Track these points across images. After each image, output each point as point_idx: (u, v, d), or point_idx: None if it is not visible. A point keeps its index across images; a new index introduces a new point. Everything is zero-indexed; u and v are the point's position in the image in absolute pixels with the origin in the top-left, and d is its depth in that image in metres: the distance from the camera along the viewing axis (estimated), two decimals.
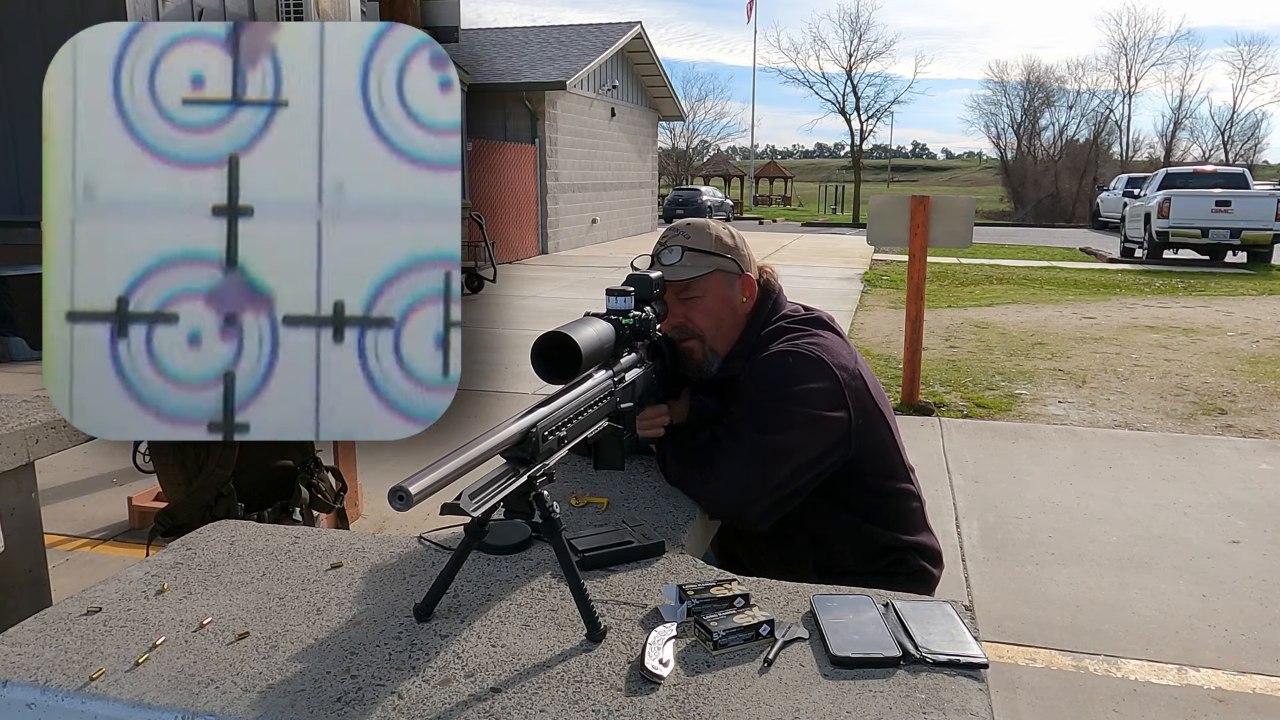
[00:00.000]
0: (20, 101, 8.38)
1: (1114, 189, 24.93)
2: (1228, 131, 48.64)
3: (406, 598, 1.17)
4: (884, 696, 0.96)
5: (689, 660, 1.03)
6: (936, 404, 5.53)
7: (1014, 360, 6.98)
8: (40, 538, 2.13)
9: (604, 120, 20.01)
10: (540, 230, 17.10)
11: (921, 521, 1.77)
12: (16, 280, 6.38)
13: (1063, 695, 2.45)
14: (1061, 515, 3.76)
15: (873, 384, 1.67)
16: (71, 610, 1.13)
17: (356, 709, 0.93)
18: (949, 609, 1.12)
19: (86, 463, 4.09)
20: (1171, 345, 7.62)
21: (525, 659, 1.02)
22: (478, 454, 0.93)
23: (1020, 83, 50.51)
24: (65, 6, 7.79)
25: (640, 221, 23.44)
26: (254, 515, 2.05)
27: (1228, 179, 16.50)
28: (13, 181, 8.46)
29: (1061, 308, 9.95)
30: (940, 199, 5.37)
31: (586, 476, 1.63)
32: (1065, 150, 47.10)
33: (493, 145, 15.39)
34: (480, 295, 10.57)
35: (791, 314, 1.73)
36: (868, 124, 46.14)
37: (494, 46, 19.39)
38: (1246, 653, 2.66)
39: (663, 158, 39.81)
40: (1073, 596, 3.03)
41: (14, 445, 1.94)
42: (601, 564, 1.26)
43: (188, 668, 1.00)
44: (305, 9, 2.14)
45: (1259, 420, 5.26)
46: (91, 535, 3.49)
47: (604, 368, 1.30)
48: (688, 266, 1.65)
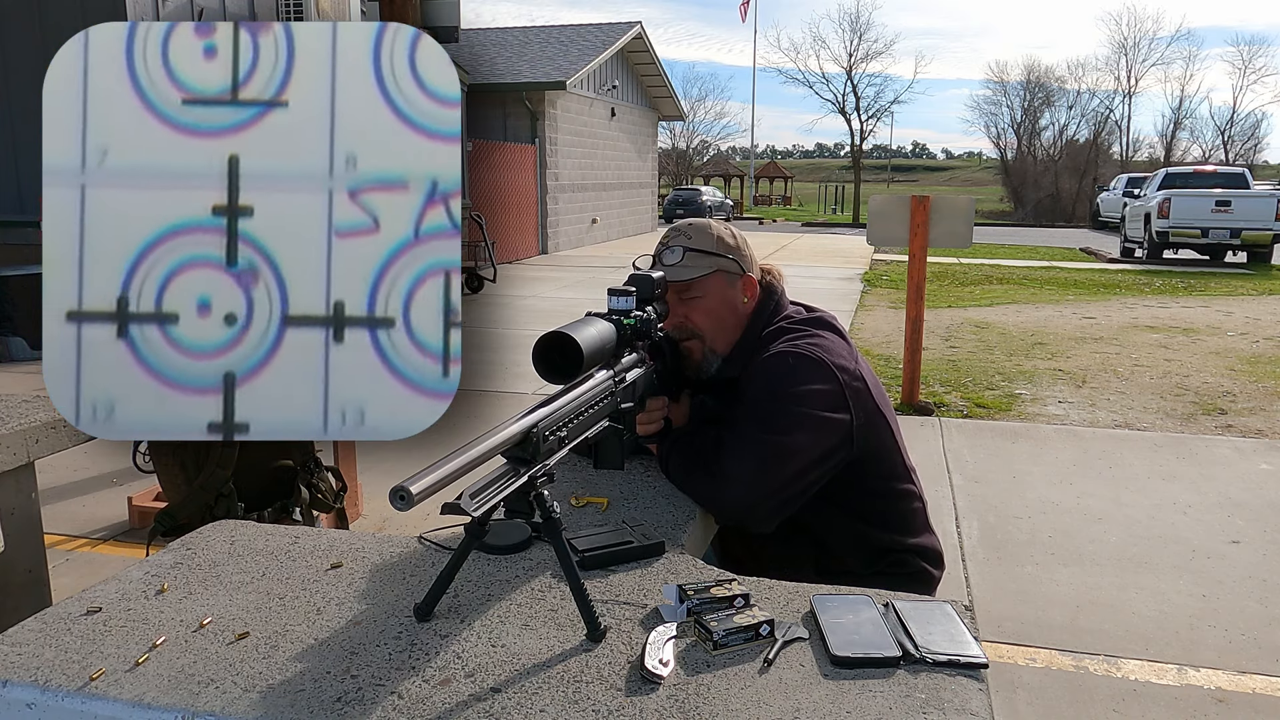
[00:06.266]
0: (20, 101, 8.38)
1: (1114, 189, 24.92)
2: (1228, 131, 48.68)
3: (406, 598, 1.17)
4: (884, 696, 0.96)
5: (689, 660, 1.03)
6: (936, 404, 5.53)
7: (1014, 360, 6.98)
8: (40, 538, 2.13)
9: (604, 120, 20.01)
10: (540, 230, 17.09)
11: (923, 522, 1.77)
12: (16, 280, 6.37)
13: (1063, 695, 2.45)
14: (1061, 515, 3.76)
15: (874, 384, 1.67)
16: (71, 610, 1.13)
17: (356, 709, 0.93)
18: (949, 609, 1.12)
19: (86, 463, 4.09)
20: (1171, 345, 7.62)
21: (525, 659, 1.02)
22: (478, 454, 0.93)
23: (1020, 83, 50.60)
24: (65, 7, 7.79)
25: (640, 221, 23.44)
26: (254, 515, 2.04)
27: (1228, 179, 16.50)
28: (13, 181, 8.46)
29: (1061, 308, 9.94)
30: (940, 199, 5.37)
31: (586, 476, 1.63)
32: (1065, 150, 47.10)
33: (493, 145, 15.39)
34: (480, 295, 10.57)
35: (793, 314, 1.73)
36: (868, 124, 46.22)
37: (494, 46, 19.38)
38: (1246, 653, 2.66)
39: (663, 158, 39.80)
40: (1073, 596, 3.03)
41: (14, 445, 1.94)
42: (601, 564, 1.26)
43: (188, 668, 1.00)
44: (305, 9, 2.14)
45: (1259, 420, 5.26)
46: (91, 535, 3.49)
47: (605, 368, 1.30)
48: (689, 266, 1.65)
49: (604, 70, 19.48)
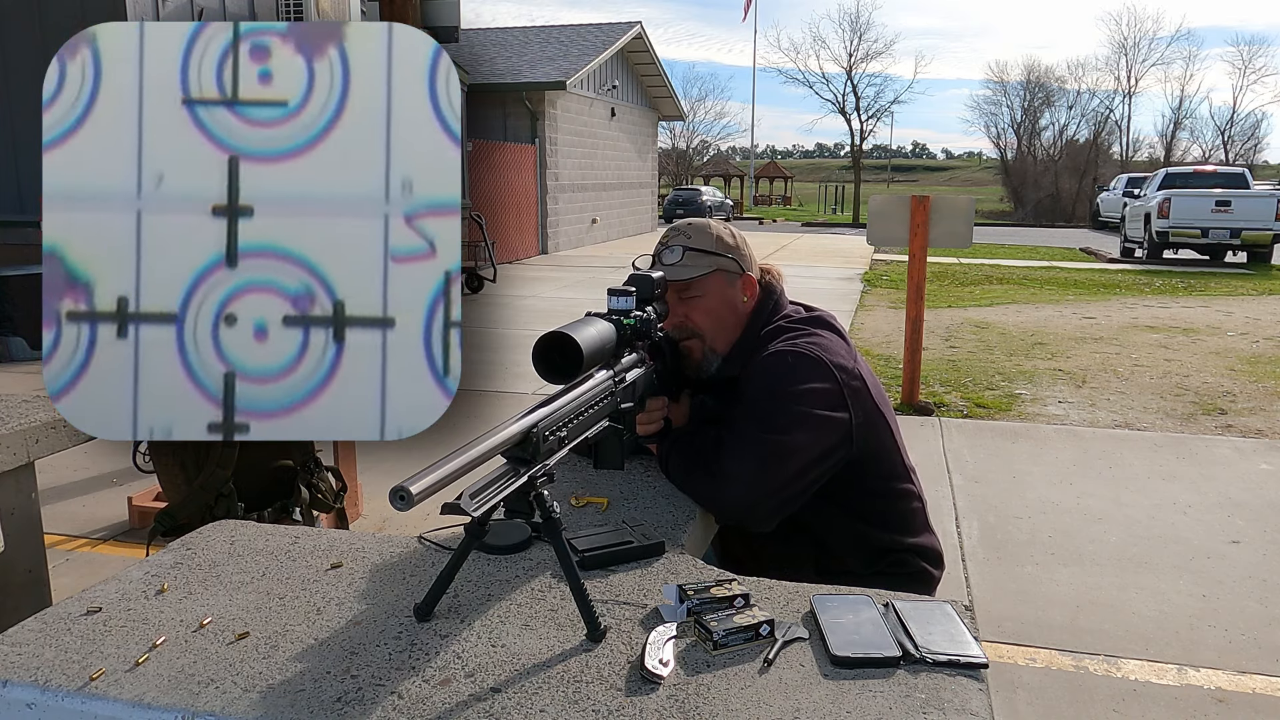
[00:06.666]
0: (20, 102, 8.38)
1: (1114, 189, 24.92)
2: (1228, 131, 48.68)
3: (406, 598, 1.17)
4: (884, 696, 0.96)
5: (689, 660, 1.03)
6: (936, 404, 5.53)
7: (1014, 360, 6.98)
8: (40, 538, 2.13)
9: (604, 120, 20.01)
10: (540, 230, 17.09)
11: (922, 522, 1.77)
12: (16, 280, 6.37)
13: (1063, 695, 2.45)
14: (1061, 515, 3.76)
15: (873, 384, 1.67)
16: (71, 610, 1.13)
17: (356, 709, 0.93)
18: (949, 609, 1.12)
19: (86, 463, 4.09)
20: (1171, 345, 7.62)
21: (525, 659, 1.02)
22: (478, 454, 0.93)
23: (1020, 83, 50.61)
24: (65, 7, 7.79)
25: (640, 221, 23.43)
26: (254, 515, 2.05)
27: (1228, 179, 16.50)
28: (12, 181, 8.46)
29: (1061, 308, 9.94)
30: (940, 199, 5.37)
31: (586, 476, 1.63)
32: (1065, 150, 47.09)
33: (493, 145, 15.39)
34: (480, 295, 10.57)
35: (792, 314, 1.73)
36: (868, 124, 46.21)
37: (494, 46, 19.38)
38: (1246, 653, 2.66)
39: (663, 158, 39.80)
40: (1073, 596, 3.03)
41: (14, 445, 1.94)
42: (601, 564, 1.26)
43: (188, 668, 1.00)
44: (305, 9, 2.14)
45: (1259, 420, 5.26)
46: (91, 535, 3.49)
47: (605, 368, 1.30)
48: (689, 266, 1.65)
49: (604, 70, 19.48)
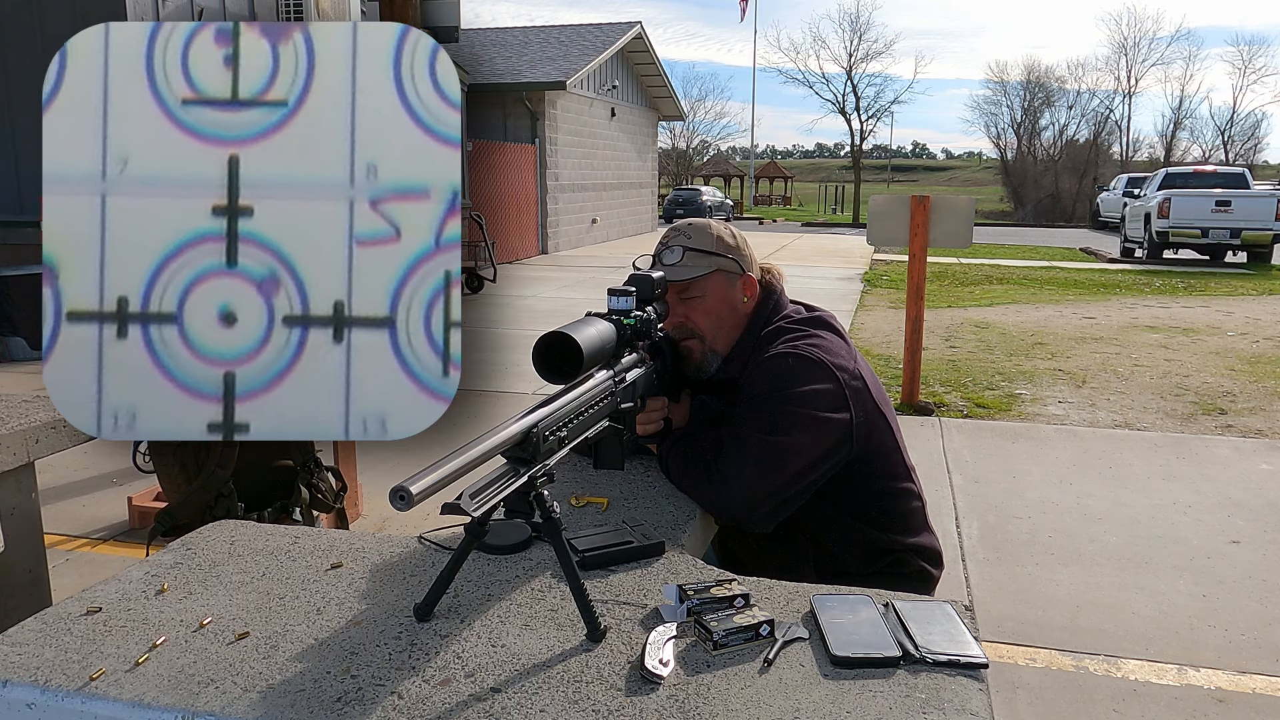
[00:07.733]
0: (20, 101, 8.38)
1: (1114, 189, 24.91)
2: (1228, 131, 48.69)
3: (406, 598, 1.17)
4: (884, 696, 0.96)
5: (689, 660, 1.03)
6: (936, 404, 5.53)
7: (1014, 360, 6.98)
8: (40, 538, 2.13)
9: (604, 120, 20.01)
10: (540, 230, 17.09)
11: (922, 522, 1.77)
12: (16, 280, 6.37)
13: (1063, 695, 2.45)
14: (1061, 515, 3.76)
15: (873, 384, 1.67)
16: (71, 610, 1.13)
17: (356, 709, 0.93)
18: (949, 609, 1.12)
19: (86, 463, 4.09)
20: (1171, 345, 7.62)
21: (525, 659, 1.02)
22: (478, 454, 0.93)
23: (1020, 83, 50.60)
24: (64, 6, 7.79)
25: (640, 221, 23.43)
26: (254, 515, 2.05)
27: (1228, 179, 16.49)
28: (12, 181, 8.46)
29: (1061, 308, 9.94)
30: (940, 199, 5.37)
31: (586, 476, 1.63)
32: (1065, 150, 47.10)
33: (493, 145, 15.39)
34: (480, 295, 10.57)
35: (792, 314, 1.73)
36: (868, 124, 46.25)
37: (494, 46, 19.38)
38: (1246, 653, 2.66)
39: (663, 158, 39.80)
40: (1073, 596, 3.03)
41: (14, 445, 1.94)
42: (601, 564, 1.26)
43: (188, 668, 1.00)
44: (305, 9, 2.14)
45: (1259, 420, 5.26)
46: (91, 535, 3.49)
47: (605, 368, 1.30)
48: (689, 266, 1.65)
49: (604, 70, 19.48)
